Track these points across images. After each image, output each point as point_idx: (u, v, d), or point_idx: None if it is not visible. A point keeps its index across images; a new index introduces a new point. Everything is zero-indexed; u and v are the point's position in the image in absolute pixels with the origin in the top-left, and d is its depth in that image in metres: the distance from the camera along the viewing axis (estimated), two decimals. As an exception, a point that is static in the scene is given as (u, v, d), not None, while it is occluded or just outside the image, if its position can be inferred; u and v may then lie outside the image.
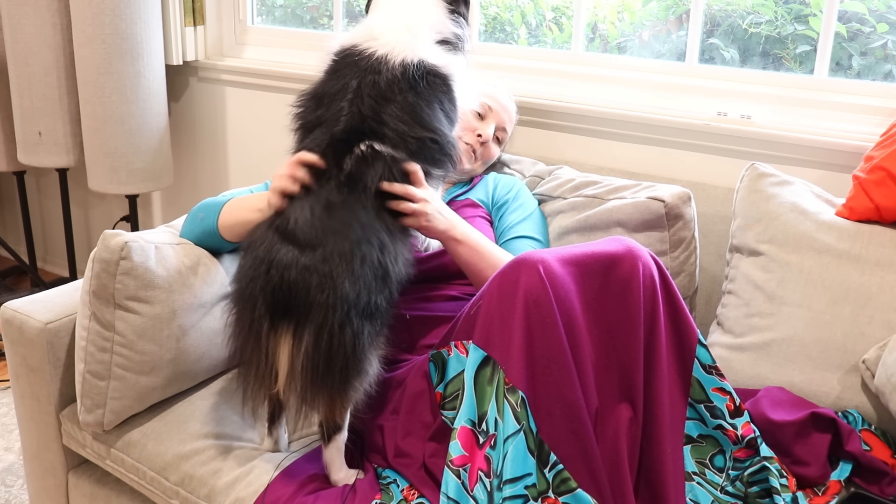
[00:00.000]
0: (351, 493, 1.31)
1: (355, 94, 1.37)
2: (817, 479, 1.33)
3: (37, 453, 1.70)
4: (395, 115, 1.36)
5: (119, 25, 2.35)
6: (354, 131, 1.35)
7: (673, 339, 1.32)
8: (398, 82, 1.37)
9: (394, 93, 1.37)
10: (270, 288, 1.25)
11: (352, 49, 1.42)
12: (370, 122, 1.35)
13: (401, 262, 1.36)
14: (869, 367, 1.42)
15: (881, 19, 1.93)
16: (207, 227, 1.58)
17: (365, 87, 1.37)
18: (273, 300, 1.25)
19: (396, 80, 1.37)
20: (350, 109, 1.36)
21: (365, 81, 1.37)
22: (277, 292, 1.24)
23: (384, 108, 1.36)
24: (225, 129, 2.75)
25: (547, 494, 1.17)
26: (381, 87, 1.37)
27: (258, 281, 1.26)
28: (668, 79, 2.02)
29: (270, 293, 1.25)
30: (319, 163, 1.34)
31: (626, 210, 1.64)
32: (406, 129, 1.37)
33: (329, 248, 1.25)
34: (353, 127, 1.35)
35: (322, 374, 1.25)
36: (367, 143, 1.35)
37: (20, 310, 1.60)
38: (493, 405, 1.20)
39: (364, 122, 1.35)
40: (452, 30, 1.47)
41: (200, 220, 1.60)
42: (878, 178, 1.54)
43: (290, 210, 1.30)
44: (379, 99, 1.36)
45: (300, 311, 1.24)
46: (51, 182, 3.25)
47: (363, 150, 1.34)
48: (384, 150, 1.36)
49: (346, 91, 1.37)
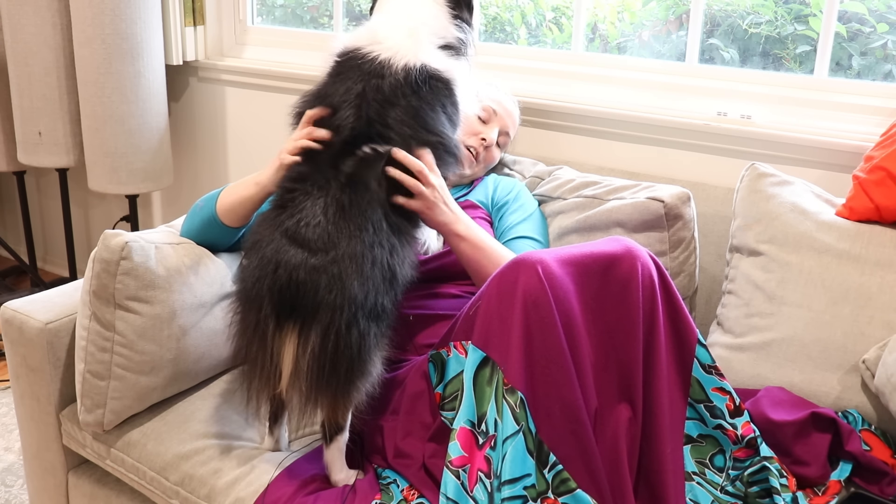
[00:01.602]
0: (351, 493, 1.31)
1: (361, 98, 1.37)
2: (817, 479, 1.33)
3: (37, 453, 1.70)
4: (400, 119, 1.37)
5: (119, 25, 2.35)
6: (361, 136, 1.36)
7: (672, 338, 1.32)
8: (401, 87, 1.38)
9: (397, 97, 1.37)
10: (278, 287, 1.25)
11: (355, 52, 1.43)
12: (377, 125, 1.36)
13: (407, 264, 1.36)
14: (869, 367, 1.42)
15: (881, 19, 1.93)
16: (207, 214, 1.58)
17: (370, 92, 1.37)
18: (280, 300, 1.25)
19: (399, 84, 1.38)
20: (357, 115, 1.36)
21: (369, 86, 1.38)
22: (285, 292, 1.24)
23: (389, 113, 1.37)
24: (225, 129, 2.75)
25: (546, 495, 1.17)
26: (385, 91, 1.37)
27: (265, 280, 1.26)
28: (668, 79, 2.02)
29: (278, 293, 1.25)
30: (326, 135, 1.37)
31: (625, 210, 1.64)
32: (410, 132, 1.38)
33: (341, 249, 1.25)
34: (360, 132, 1.36)
35: (327, 375, 1.25)
36: (371, 146, 1.35)
37: (20, 310, 1.60)
38: (492, 406, 1.20)
39: (371, 127, 1.36)
40: (455, 34, 1.47)
41: (199, 209, 1.61)
42: (878, 178, 1.54)
43: (298, 212, 1.29)
44: (384, 103, 1.37)
45: (307, 311, 1.24)
46: (51, 182, 3.25)
47: (366, 151, 1.35)
48: (385, 151, 1.36)
49: (350, 95, 1.38)
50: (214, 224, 1.58)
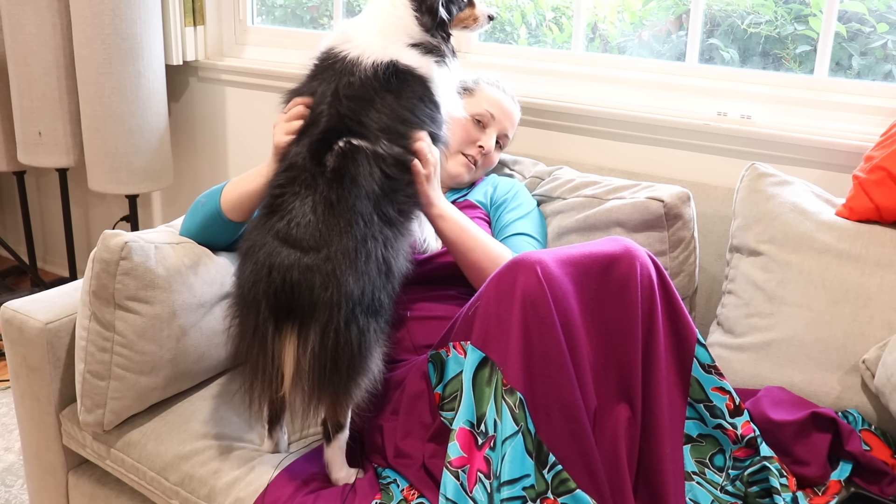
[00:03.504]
0: (351, 492, 1.31)
1: (333, 96, 1.39)
2: (817, 479, 1.33)
3: (37, 453, 1.70)
4: (375, 118, 1.38)
5: (119, 25, 2.35)
6: (333, 131, 1.36)
7: (671, 338, 1.32)
8: (370, 82, 1.39)
9: (369, 93, 1.38)
10: (273, 290, 1.25)
11: (328, 52, 1.46)
12: (348, 121, 1.37)
13: (402, 256, 1.37)
14: (869, 367, 1.42)
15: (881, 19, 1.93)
16: (210, 210, 1.58)
17: (341, 90, 1.39)
18: (276, 302, 1.25)
19: (369, 80, 1.39)
20: (329, 112, 1.38)
21: (341, 84, 1.39)
22: (280, 294, 1.24)
23: (363, 110, 1.38)
24: (225, 129, 2.75)
25: (546, 495, 1.17)
26: (356, 87, 1.39)
27: (260, 284, 1.26)
28: (668, 79, 2.02)
29: (273, 295, 1.25)
30: (308, 100, 1.41)
31: (625, 210, 1.64)
32: (388, 124, 1.38)
33: (333, 246, 1.25)
34: (332, 127, 1.37)
35: (329, 374, 1.24)
36: (345, 139, 1.35)
37: (20, 310, 1.60)
38: (491, 406, 1.20)
39: (342, 122, 1.37)
40: (425, 37, 1.47)
41: (201, 205, 1.60)
42: (878, 178, 1.54)
43: (287, 213, 1.30)
44: (355, 100, 1.38)
45: (304, 311, 1.24)
46: (51, 182, 3.25)
47: (341, 146, 1.35)
48: (362, 144, 1.36)
49: (324, 96, 1.40)
50: (218, 220, 1.58)
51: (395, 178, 1.38)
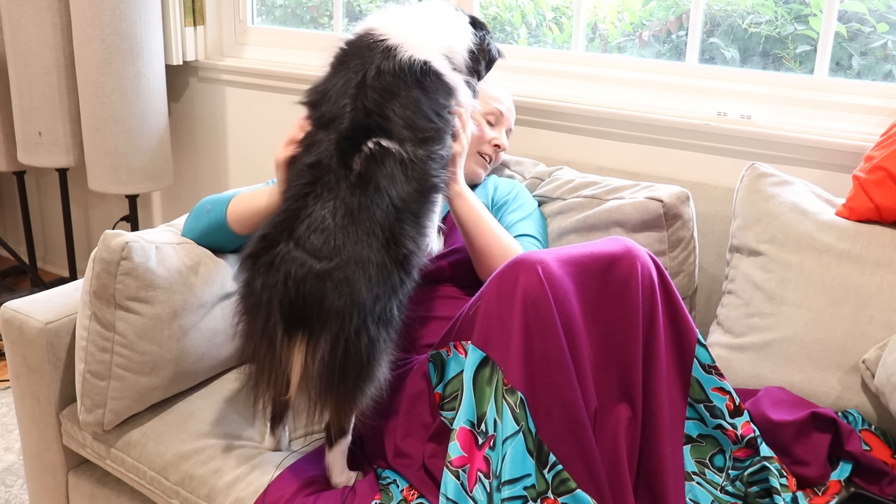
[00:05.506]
0: (351, 493, 1.31)
1: (358, 87, 1.34)
2: (817, 479, 1.33)
3: (37, 453, 1.70)
4: (400, 112, 1.33)
5: (119, 25, 2.35)
6: (361, 128, 1.32)
7: (672, 338, 1.32)
8: (403, 74, 1.36)
9: (399, 85, 1.35)
10: (287, 300, 1.21)
11: (365, 34, 1.42)
12: (375, 117, 1.32)
13: (415, 268, 1.33)
14: (869, 367, 1.42)
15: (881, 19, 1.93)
16: (215, 219, 1.57)
17: (370, 79, 1.35)
18: (290, 309, 1.22)
19: (403, 72, 1.36)
20: (354, 105, 1.33)
21: (369, 72, 1.35)
22: (294, 304, 1.21)
23: (388, 103, 1.33)
24: (225, 129, 2.75)
25: (546, 495, 1.17)
26: (387, 77, 1.35)
27: (273, 290, 1.23)
28: (668, 79, 2.02)
29: (287, 305, 1.22)
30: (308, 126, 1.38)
31: (624, 210, 1.64)
32: (416, 121, 1.34)
33: (347, 255, 1.23)
34: (359, 123, 1.32)
35: (337, 381, 1.23)
36: (375, 139, 1.31)
37: (20, 310, 1.60)
38: (491, 406, 1.20)
39: (369, 117, 1.32)
40: (463, 58, 1.49)
41: (207, 212, 1.59)
42: (878, 178, 1.54)
43: (307, 216, 1.25)
44: (383, 92, 1.34)
45: (316, 319, 1.21)
46: (51, 182, 3.25)
47: (371, 147, 1.30)
48: (392, 147, 1.31)
49: (349, 86, 1.35)
50: (222, 230, 1.58)
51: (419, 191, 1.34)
